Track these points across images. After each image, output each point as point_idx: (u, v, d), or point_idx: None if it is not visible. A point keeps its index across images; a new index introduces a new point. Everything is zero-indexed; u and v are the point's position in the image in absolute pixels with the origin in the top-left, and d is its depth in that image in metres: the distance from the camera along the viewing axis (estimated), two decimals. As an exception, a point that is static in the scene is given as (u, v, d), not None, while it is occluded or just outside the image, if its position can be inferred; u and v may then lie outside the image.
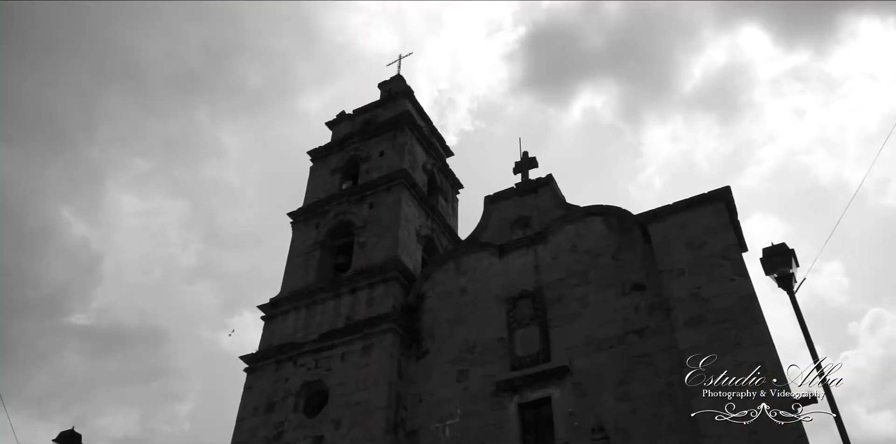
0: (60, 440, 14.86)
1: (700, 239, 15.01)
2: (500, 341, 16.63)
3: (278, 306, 20.22)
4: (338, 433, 16.32)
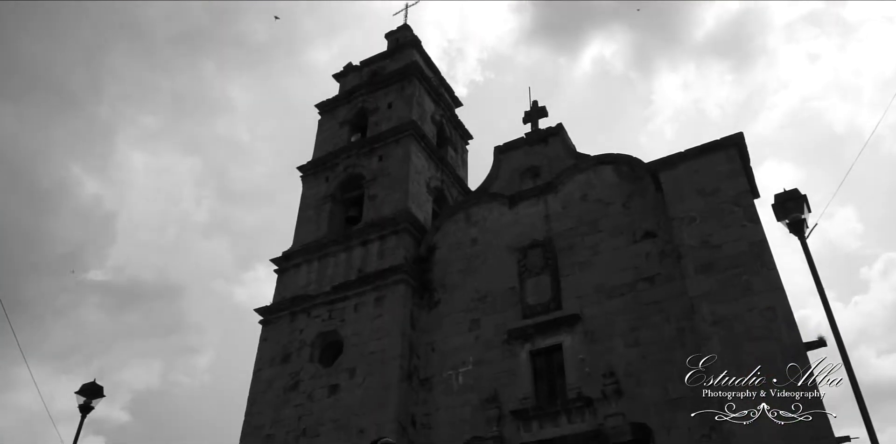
0: (82, 393, 15.11)
1: (712, 186, 14.91)
2: (511, 290, 16.75)
3: (291, 259, 20.39)
4: (353, 381, 16.63)
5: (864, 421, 9.42)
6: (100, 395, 15.16)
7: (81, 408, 14.83)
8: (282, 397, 17.45)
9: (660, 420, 13.26)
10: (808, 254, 11.73)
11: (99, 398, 15.17)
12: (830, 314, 10.61)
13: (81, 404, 14.84)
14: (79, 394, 15.06)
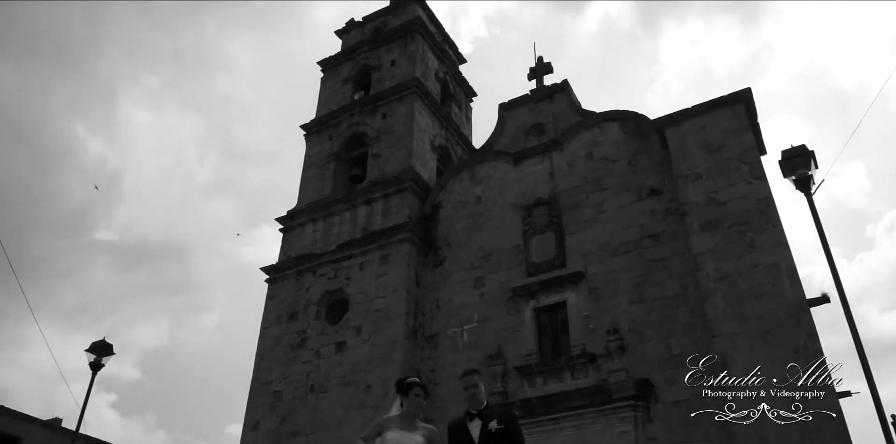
0: (92, 350, 15.29)
1: (718, 142, 14.80)
2: (515, 248, 16.79)
3: (295, 218, 20.42)
4: (359, 338, 16.83)
5: (865, 376, 9.50)
6: (109, 353, 15.34)
7: (92, 366, 15.03)
8: (289, 354, 17.69)
9: (662, 376, 13.42)
10: (813, 210, 11.67)
11: (109, 355, 15.36)
12: (835, 271, 10.61)
13: (92, 361, 15.03)
14: (89, 352, 15.23)
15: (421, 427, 4.87)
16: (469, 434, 4.88)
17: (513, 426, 4.90)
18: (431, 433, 4.88)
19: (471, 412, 4.99)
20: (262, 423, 16.91)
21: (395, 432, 4.76)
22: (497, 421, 4.83)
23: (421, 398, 4.94)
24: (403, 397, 4.99)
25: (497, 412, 5.01)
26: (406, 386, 5.02)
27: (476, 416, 4.95)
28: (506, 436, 4.83)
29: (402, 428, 4.80)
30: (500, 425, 4.82)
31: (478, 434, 4.83)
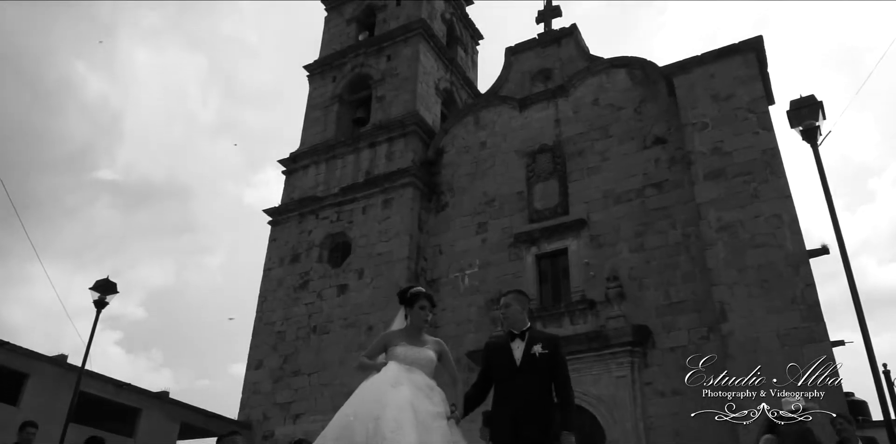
0: (96, 289, 15.40)
1: (727, 91, 14.65)
2: (518, 194, 16.81)
3: (298, 160, 20.37)
4: (361, 281, 17.02)
5: (860, 327, 9.65)
6: (113, 291, 15.45)
7: (96, 304, 15.17)
8: (292, 295, 17.93)
9: (660, 323, 13.64)
10: (818, 161, 11.61)
11: (113, 294, 15.49)
12: (836, 223, 10.64)
13: (96, 299, 15.17)
14: (93, 290, 15.36)
15: (429, 341, 4.56)
16: (511, 355, 4.55)
17: (557, 351, 4.56)
18: (440, 347, 4.59)
19: (513, 332, 4.67)
20: (265, 362, 17.28)
21: (403, 347, 4.42)
22: (542, 345, 4.52)
23: (426, 311, 4.58)
24: (408, 308, 4.61)
25: (542, 335, 4.71)
26: (410, 297, 4.63)
27: (518, 337, 4.63)
28: (550, 361, 4.50)
29: (409, 343, 4.46)
30: (544, 349, 4.50)
31: (520, 356, 4.52)
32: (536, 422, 4.31)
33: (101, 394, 15.83)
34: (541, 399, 4.41)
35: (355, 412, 3.99)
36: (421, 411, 4.03)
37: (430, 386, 4.29)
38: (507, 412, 4.39)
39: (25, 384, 14.82)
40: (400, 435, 3.79)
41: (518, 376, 4.47)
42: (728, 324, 12.42)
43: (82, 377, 14.21)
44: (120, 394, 16.20)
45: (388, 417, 3.88)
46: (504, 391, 4.50)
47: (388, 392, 4.08)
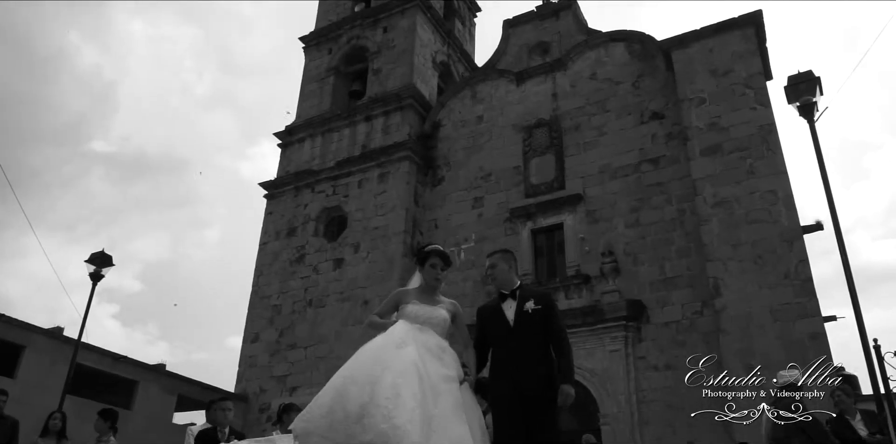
0: (92, 261, 15.38)
1: (725, 66, 14.57)
2: (515, 169, 16.78)
3: (294, 133, 20.26)
4: (357, 255, 17.05)
5: (852, 303, 9.71)
6: (109, 264, 15.43)
7: (91, 276, 15.17)
8: (288, 269, 17.96)
9: (654, 298, 13.72)
10: (815, 137, 11.58)
11: (108, 266, 15.47)
12: (830, 199, 10.65)
13: (91, 272, 15.17)
14: (88, 263, 15.34)
15: (444, 301, 4.33)
16: (503, 316, 4.39)
17: (550, 306, 4.42)
18: (455, 308, 4.34)
19: (503, 292, 4.50)
20: (261, 335, 17.37)
21: (415, 305, 4.20)
22: (534, 301, 4.36)
23: (437, 269, 4.33)
24: (420, 267, 4.40)
25: (533, 291, 4.57)
26: (423, 255, 4.41)
27: (509, 297, 4.46)
28: (544, 316, 4.35)
29: (422, 301, 4.24)
30: (537, 305, 4.35)
31: (513, 316, 4.36)
32: (536, 378, 4.19)
33: (97, 366, 15.92)
34: (538, 356, 4.28)
35: (353, 375, 3.71)
36: (431, 373, 3.78)
37: (442, 347, 4.06)
38: (505, 374, 4.27)
39: (22, 357, 14.88)
40: (396, 403, 3.51)
41: (513, 336, 4.33)
42: (721, 299, 12.50)
43: (79, 349, 14.27)
44: (116, 366, 16.29)
45: (386, 382, 3.61)
46: (501, 354, 4.36)
47: (391, 353, 3.81)
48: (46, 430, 7.75)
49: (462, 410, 3.79)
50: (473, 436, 3.73)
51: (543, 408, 4.19)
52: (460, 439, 3.62)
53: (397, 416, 3.45)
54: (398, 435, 3.39)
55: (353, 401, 3.55)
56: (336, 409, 3.56)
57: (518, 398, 4.16)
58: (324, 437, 3.55)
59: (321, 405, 3.64)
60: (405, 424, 3.43)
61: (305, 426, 3.63)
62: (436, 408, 3.64)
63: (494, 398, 4.33)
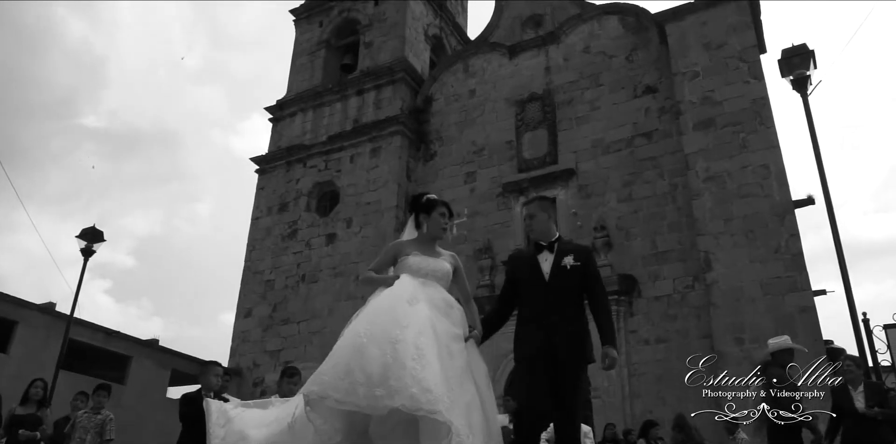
0: (83, 237, 15.35)
1: (719, 40, 14.47)
2: (507, 143, 16.72)
3: (285, 107, 20.11)
4: (349, 231, 17.04)
5: (841, 276, 9.77)
6: (100, 239, 15.41)
7: (83, 252, 15.16)
8: (280, 244, 17.95)
9: (646, 272, 13.77)
10: (807, 111, 11.57)
11: (100, 242, 15.46)
12: (822, 174, 10.66)
13: (83, 248, 15.15)
14: (79, 238, 15.31)
15: (443, 253, 4.05)
16: (539, 268, 4.11)
17: (590, 263, 4.18)
18: (455, 261, 4.08)
19: (540, 243, 4.22)
20: (254, 311, 17.41)
21: (417, 256, 3.90)
22: (573, 257, 4.10)
23: (446, 218, 4.08)
24: (424, 216, 4.07)
25: (573, 246, 4.27)
26: (426, 203, 4.09)
27: (546, 249, 4.19)
28: (583, 274, 4.10)
29: (423, 253, 3.94)
30: (576, 261, 4.09)
31: (549, 269, 4.09)
32: (569, 337, 3.93)
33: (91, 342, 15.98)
34: (573, 314, 4.03)
35: (369, 333, 3.35)
36: (440, 332, 3.50)
37: (448, 302, 3.77)
38: (538, 331, 3.96)
39: (14, 332, 14.92)
40: (423, 364, 3.22)
41: (548, 291, 4.04)
42: (712, 273, 12.57)
43: (72, 324, 14.29)
44: (110, 342, 16.34)
45: (409, 340, 3.29)
46: (533, 309, 4.06)
47: (405, 310, 3.49)
48: (27, 398, 7.78)
49: (468, 371, 3.55)
50: (482, 397, 3.51)
51: (576, 370, 3.96)
52: (468, 402, 3.38)
53: (426, 378, 3.16)
54: (431, 400, 3.09)
55: (373, 362, 3.21)
56: (355, 370, 3.21)
57: (550, 357, 3.90)
58: (341, 401, 3.20)
59: (336, 366, 3.27)
60: (435, 387, 3.15)
61: (320, 389, 3.24)
62: (451, 370, 3.37)
63: (523, 356, 4.03)
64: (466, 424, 3.24)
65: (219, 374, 6.32)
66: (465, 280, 4.10)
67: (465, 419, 3.24)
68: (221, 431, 3.94)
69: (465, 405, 3.33)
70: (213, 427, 3.98)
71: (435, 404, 3.08)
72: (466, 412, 3.30)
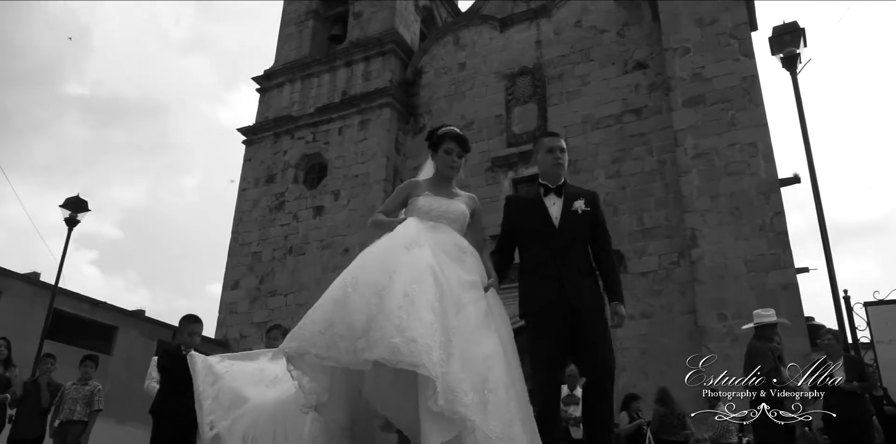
0: (67, 206, 15.22)
1: (711, 15, 14.40)
2: (497, 117, 16.66)
3: (273, 78, 19.90)
4: (337, 203, 17.01)
5: (824, 255, 9.89)
6: (85, 209, 15.30)
7: (67, 222, 15.06)
8: (267, 216, 17.90)
9: (632, 248, 13.85)
10: (796, 89, 11.59)
11: (84, 212, 15.35)
12: (809, 152, 10.72)
13: (67, 217, 15.04)
14: (63, 208, 15.19)
15: (460, 194, 3.69)
16: (546, 211, 3.77)
17: (599, 209, 3.90)
18: (474, 203, 3.71)
19: (547, 185, 3.88)
20: (241, 283, 17.41)
21: (429, 197, 3.56)
22: (584, 202, 3.79)
23: (453, 155, 3.67)
24: (433, 153, 3.73)
25: (581, 190, 3.96)
26: (436, 139, 3.72)
27: (553, 192, 3.85)
28: (593, 223, 3.80)
29: (435, 194, 3.59)
30: (587, 206, 3.78)
31: (558, 214, 3.74)
32: (587, 294, 3.60)
33: (76, 312, 15.93)
34: (585, 266, 3.70)
35: (354, 282, 3.02)
36: (450, 279, 3.14)
37: (462, 248, 3.42)
38: (549, 281, 3.60)
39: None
40: (409, 311, 2.86)
41: (558, 238, 3.69)
42: (698, 250, 12.67)
43: (57, 294, 14.24)
44: (95, 312, 16.31)
45: (397, 288, 2.94)
46: (541, 255, 3.70)
47: (400, 256, 3.13)
48: None
49: (489, 321, 3.19)
50: (505, 349, 3.15)
51: (601, 323, 3.59)
52: (487, 355, 3.02)
53: (411, 328, 2.80)
54: (413, 351, 2.73)
55: (357, 313, 2.90)
56: (336, 322, 2.90)
57: (568, 308, 3.53)
58: (321, 357, 2.90)
59: (316, 321, 2.97)
60: (421, 338, 2.78)
61: (299, 345, 2.94)
62: (456, 320, 3.01)
63: (534, 308, 3.65)
64: (479, 380, 2.90)
65: (194, 333, 5.75)
66: (481, 225, 3.76)
67: (474, 375, 2.90)
68: (212, 389, 3.70)
69: (482, 359, 2.99)
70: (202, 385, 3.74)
71: (418, 355, 2.71)
72: (482, 368, 2.96)
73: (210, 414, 3.59)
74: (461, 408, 2.76)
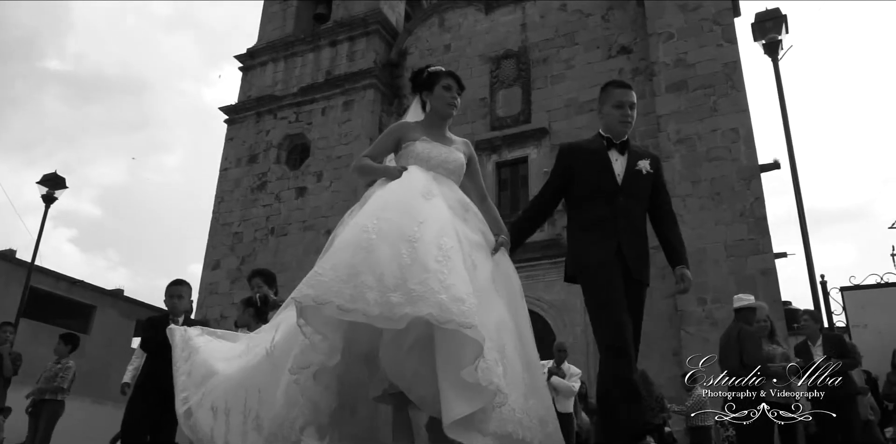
0: (44, 183, 15.07)
1: (695, 1, 14.44)
2: (481, 101, 16.63)
3: (256, 56, 19.71)
4: (320, 184, 16.94)
5: (802, 240, 10.02)
6: (62, 186, 15.17)
7: (44, 198, 14.92)
8: (249, 196, 17.80)
9: (613, 232, 13.92)
10: (777, 76, 11.66)
11: (62, 189, 15.22)
12: (789, 138, 10.82)
13: (44, 194, 14.91)
14: (40, 184, 15.05)
15: (455, 140, 3.38)
16: (609, 166, 3.46)
17: (662, 172, 3.66)
18: (469, 148, 3.42)
19: (612, 139, 3.56)
20: (222, 263, 17.34)
21: (426, 143, 3.19)
22: (649, 163, 3.52)
23: (453, 91, 3.33)
24: (425, 92, 3.34)
25: (645, 151, 3.69)
26: (428, 77, 3.34)
27: (615, 148, 3.55)
28: (655, 187, 3.56)
29: (432, 139, 3.24)
30: (651, 168, 3.52)
31: (622, 171, 3.46)
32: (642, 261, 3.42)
33: (53, 290, 15.85)
34: (643, 230, 3.48)
35: (377, 228, 2.64)
36: (462, 238, 2.83)
37: (464, 204, 3.10)
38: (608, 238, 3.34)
39: (-25, 279, 14.72)
40: (449, 267, 2.56)
41: (620, 196, 3.41)
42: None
43: (34, 272, 14.14)
44: (73, 291, 16.22)
45: (429, 240, 2.61)
46: (602, 212, 3.40)
47: (421, 205, 2.80)
48: None
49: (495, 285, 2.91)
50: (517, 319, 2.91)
51: (643, 292, 3.46)
52: (498, 321, 2.78)
53: (455, 285, 2.50)
54: (463, 312, 2.43)
55: (387, 261, 2.54)
56: (362, 271, 2.52)
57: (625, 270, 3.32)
58: (344, 309, 2.47)
59: (337, 266, 2.56)
60: (468, 296, 2.50)
61: (317, 293, 2.49)
62: (475, 281, 2.71)
63: (593, 262, 3.35)
64: (495, 348, 2.64)
65: (178, 295, 5.52)
66: (479, 174, 3.44)
67: (493, 343, 2.62)
68: (186, 365, 3.44)
69: (494, 326, 2.71)
70: (178, 361, 3.49)
71: (470, 316, 2.42)
72: (497, 335, 2.70)
73: (184, 391, 3.34)
74: (496, 379, 2.52)
